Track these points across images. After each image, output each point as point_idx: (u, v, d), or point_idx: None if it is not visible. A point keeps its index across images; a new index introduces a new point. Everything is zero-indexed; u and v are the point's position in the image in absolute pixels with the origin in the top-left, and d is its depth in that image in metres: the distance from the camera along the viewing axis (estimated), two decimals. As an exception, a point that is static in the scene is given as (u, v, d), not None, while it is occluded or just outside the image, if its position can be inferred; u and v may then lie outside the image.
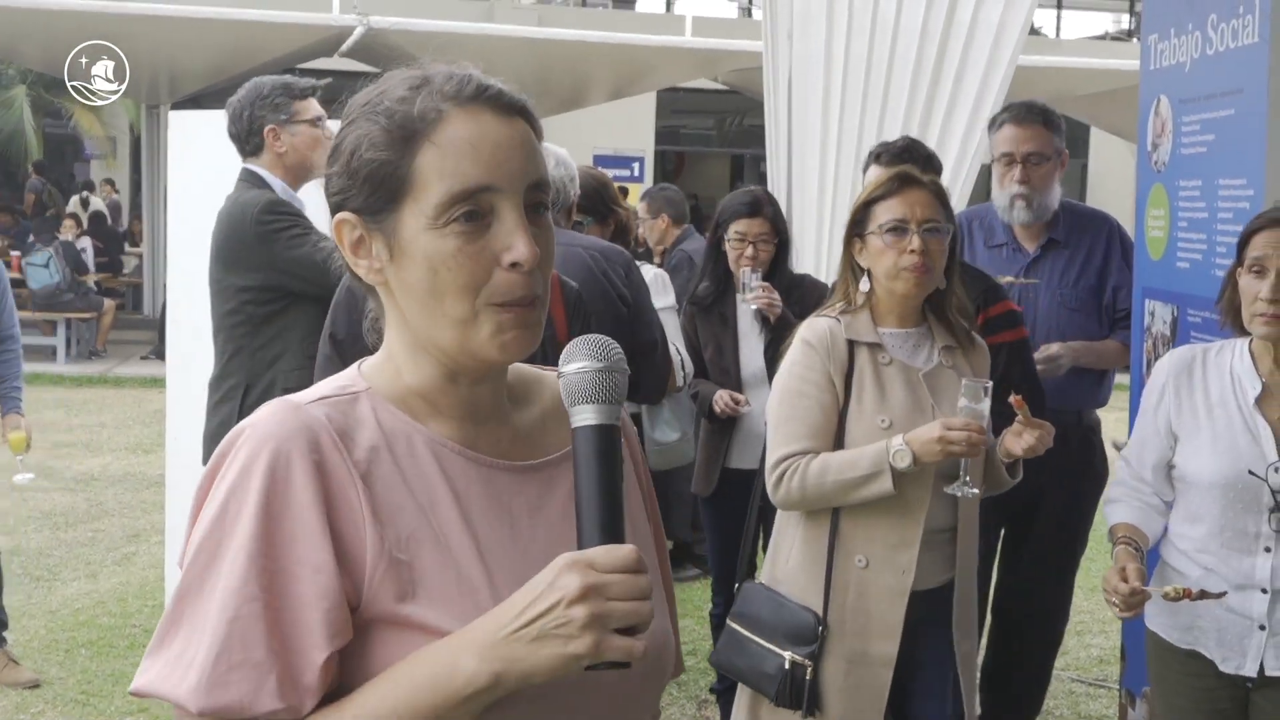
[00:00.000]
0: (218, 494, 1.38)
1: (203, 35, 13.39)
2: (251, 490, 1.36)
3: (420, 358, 1.48)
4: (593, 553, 1.31)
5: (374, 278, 1.46)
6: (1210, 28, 3.97)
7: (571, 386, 1.40)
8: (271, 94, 4.12)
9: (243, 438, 1.40)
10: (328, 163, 1.49)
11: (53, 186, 21.84)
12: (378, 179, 1.41)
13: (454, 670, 1.31)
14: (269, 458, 1.36)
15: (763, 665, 3.23)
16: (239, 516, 1.35)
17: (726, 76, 16.14)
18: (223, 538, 1.35)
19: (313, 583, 1.34)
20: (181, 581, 1.38)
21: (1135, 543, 3.10)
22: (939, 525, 3.24)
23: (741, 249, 4.65)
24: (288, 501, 1.36)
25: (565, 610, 1.28)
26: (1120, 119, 14.57)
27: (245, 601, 1.32)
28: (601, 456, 1.37)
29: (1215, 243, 3.95)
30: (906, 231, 3.18)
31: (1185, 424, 3.13)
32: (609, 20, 24.10)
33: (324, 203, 1.51)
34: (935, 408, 3.21)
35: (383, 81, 1.47)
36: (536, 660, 1.29)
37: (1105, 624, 6.45)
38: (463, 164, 1.39)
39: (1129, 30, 29.22)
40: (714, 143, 29.78)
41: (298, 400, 1.44)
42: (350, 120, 1.45)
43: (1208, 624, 3.08)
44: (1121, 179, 23.41)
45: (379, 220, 1.42)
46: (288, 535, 1.35)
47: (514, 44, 13.93)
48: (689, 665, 5.82)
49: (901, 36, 5.64)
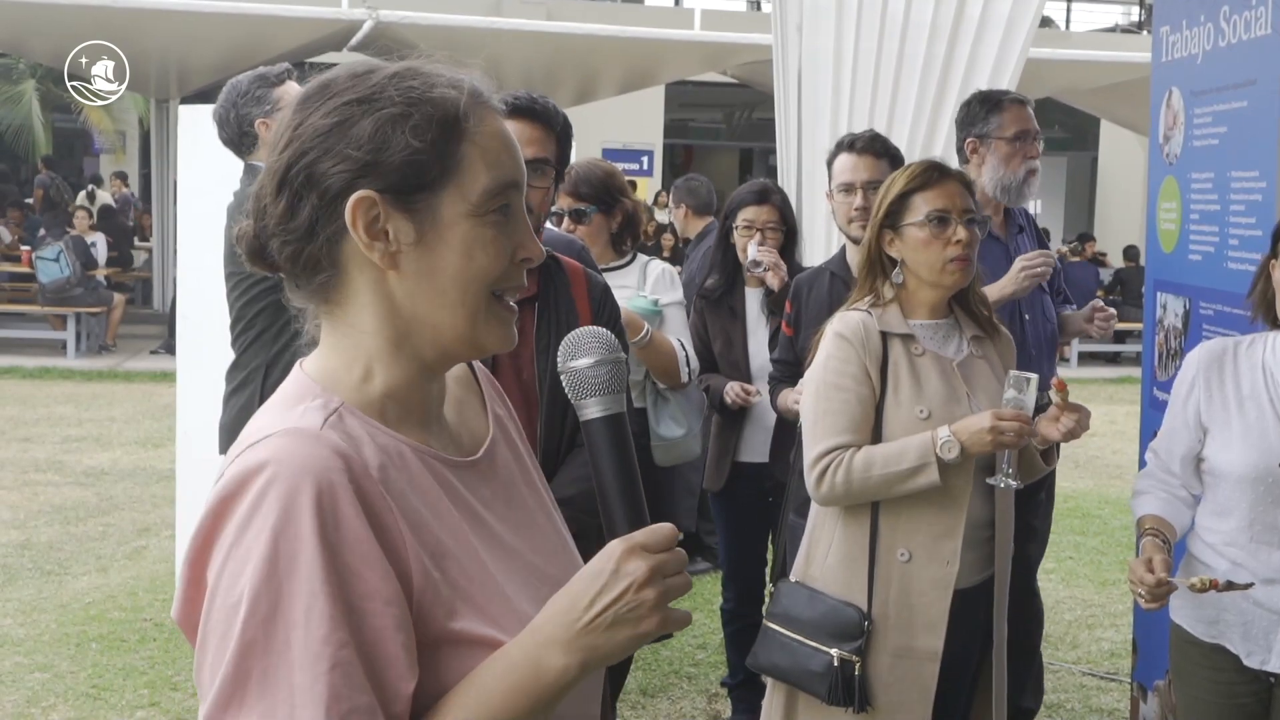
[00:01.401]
0: (256, 540, 1.30)
1: (212, 29, 13.39)
2: (304, 530, 1.30)
3: (401, 353, 1.46)
4: (643, 536, 1.38)
5: (383, 261, 1.43)
6: (1222, 19, 3.96)
7: (577, 382, 1.45)
8: (250, 89, 4.12)
9: (265, 476, 1.32)
10: (325, 136, 1.42)
11: (62, 181, 21.86)
12: (418, 163, 1.41)
13: (541, 669, 1.35)
14: (313, 492, 1.31)
15: (809, 664, 3.19)
16: (296, 560, 1.29)
17: (735, 70, 16.13)
18: (283, 585, 1.29)
19: (387, 615, 1.33)
20: (239, 637, 1.29)
21: (1162, 534, 3.08)
22: (978, 520, 3.22)
23: (750, 236, 4.66)
24: (343, 536, 1.31)
25: (636, 594, 1.35)
26: (1130, 111, 14.55)
27: (339, 648, 1.29)
28: (617, 445, 1.44)
29: (1228, 235, 3.94)
30: (949, 222, 3.17)
31: (1215, 417, 3.11)
32: (617, 14, 24.06)
33: None
34: (970, 397, 3.19)
35: (406, 71, 1.45)
36: (614, 645, 1.36)
37: (1116, 617, 6.44)
38: (503, 158, 1.46)
39: (1139, 22, 29.14)
40: (722, 136, 29.78)
41: (304, 427, 1.37)
42: (365, 100, 1.42)
43: (1233, 618, 3.07)
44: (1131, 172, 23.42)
45: (411, 201, 1.41)
46: (353, 571, 1.31)
47: (523, 38, 13.92)
48: (700, 659, 5.83)
49: (911, 30, 5.62)
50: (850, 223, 4.18)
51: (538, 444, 3.16)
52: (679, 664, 5.76)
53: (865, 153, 4.19)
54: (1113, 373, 15.91)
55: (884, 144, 4.27)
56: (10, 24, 13.78)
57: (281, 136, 1.45)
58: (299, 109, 1.46)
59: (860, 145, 4.22)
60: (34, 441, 10.04)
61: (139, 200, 21.95)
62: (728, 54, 15.35)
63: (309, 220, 1.42)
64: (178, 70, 16.10)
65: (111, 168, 24.18)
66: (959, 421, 3.10)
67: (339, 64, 1.51)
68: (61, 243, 14.85)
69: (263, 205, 1.46)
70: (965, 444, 3.06)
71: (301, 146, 1.42)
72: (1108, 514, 8.52)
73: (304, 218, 1.42)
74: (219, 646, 1.30)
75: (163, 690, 5.24)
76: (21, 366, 13.52)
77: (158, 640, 5.79)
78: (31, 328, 15.89)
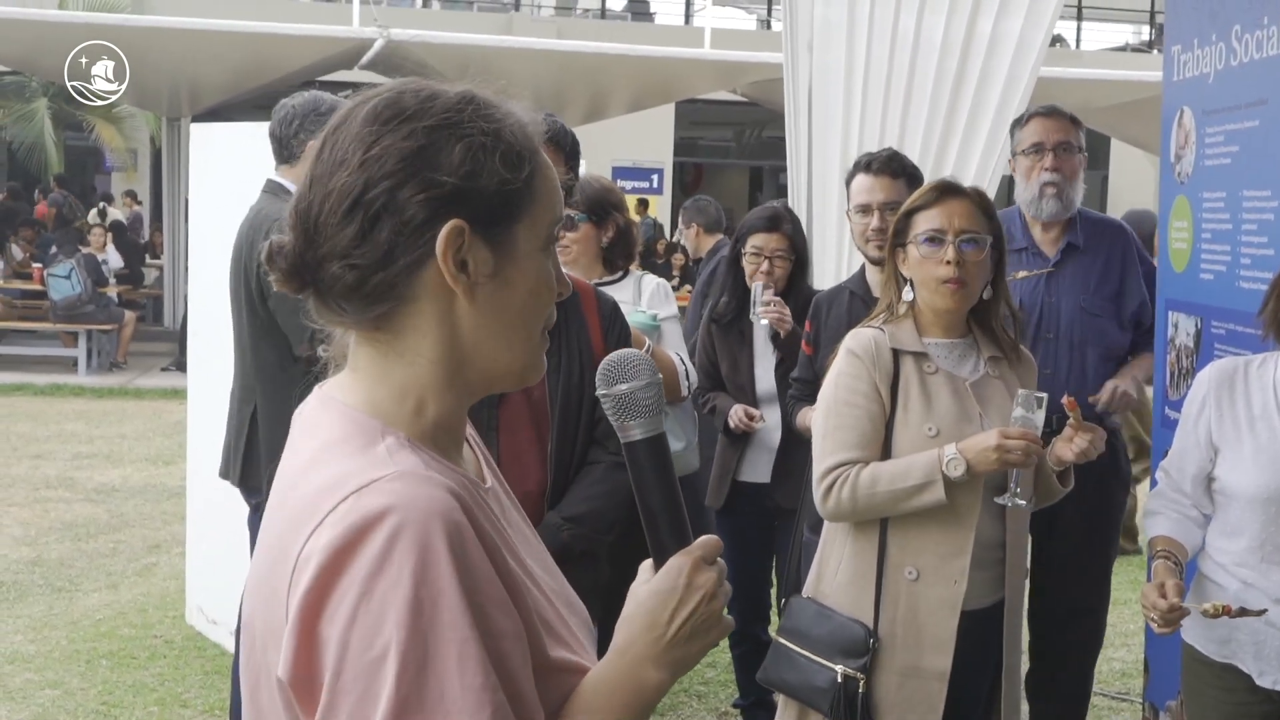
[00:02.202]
0: (395, 589, 1.25)
1: (223, 48, 13.45)
2: (444, 575, 1.26)
3: (454, 384, 1.43)
4: (700, 550, 1.47)
5: (462, 291, 1.38)
6: (1234, 38, 3.95)
7: (619, 406, 1.50)
8: (327, 113, 4.13)
9: (391, 523, 1.26)
10: (409, 160, 1.36)
11: (74, 199, 21.95)
12: (509, 194, 1.39)
13: (642, 686, 1.44)
14: (445, 536, 1.27)
15: (814, 680, 3.18)
16: (439, 607, 1.25)
17: (745, 88, 16.14)
18: (429, 635, 1.25)
19: (518, 653, 1.34)
20: (393, 695, 1.24)
21: (1174, 556, 3.07)
22: (988, 540, 3.20)
23: (758, 264, 4.65)
24: (475, 577, 1.29)
25: (709, 605, 1.45)
26: (1141, 130, 14.53)
27: (495, 692, 1.27)
28: (660, 465, 1.50)
29: (1240, 254, 3.93)
30: (942, 242, 3.15)
31: (1226, 436, 3.10)
32: (628, 33, 24.12)
33: None
34: (983, 417, 3.18)
35: (479, 99, 1.41)
36: (693, 654, 1.46)
37: (1127, 637, 6.41)
38: (554, 193, 1.46)
39: (1149, 42, 29.15)
40: (732, 154, 29.82)
41: (412, 470, 1.32)
42: (450, 125, 1.37)
43: (1245, 637, 3.05)
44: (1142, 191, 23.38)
45: (494, 233, 1.39)
46: (488, 613, 1.30)
47: (533, 56, 13.96)
48: (708, 677, 5.81)
49: (922, 49, 5.62)
50: (867, 243, 4.17)
51: (549, 463, 3.16)
52: (688, 682, 5.75)
53: (882, 173, 4.18)
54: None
55: (901, 163, 4.23)
56: (22, 42, 13.85)
57: (344, 156, 1.37)
58: (369, 127, 1.38)
59: (877, 166, 4.20)
60: (45, 458, 10.05)
61: (146, 218, 22.03)
62: (738, 72, 15.37)
63: (387, 245, 1.36)
64: (189, 88, 16.16)
65: (123, 186, 24.26)
66: (966, 440, 3.09)
67: (384, 83, 1.46)
68: (73, 260, 14.89)
69: (316, 225, 1.38)
70: (971, 462, 3.05)
71: (382, 169, 1.35)
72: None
73: (382, 243, 1.36)
74: (359, 705, 1.25)
75: (172, 707, 5.24)
76: (33, 384, 13.54)
77: (168, 657, 5.79)
78: (43, 345, 15.92)
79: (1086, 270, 4.50)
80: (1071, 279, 4.50)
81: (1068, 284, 4.49)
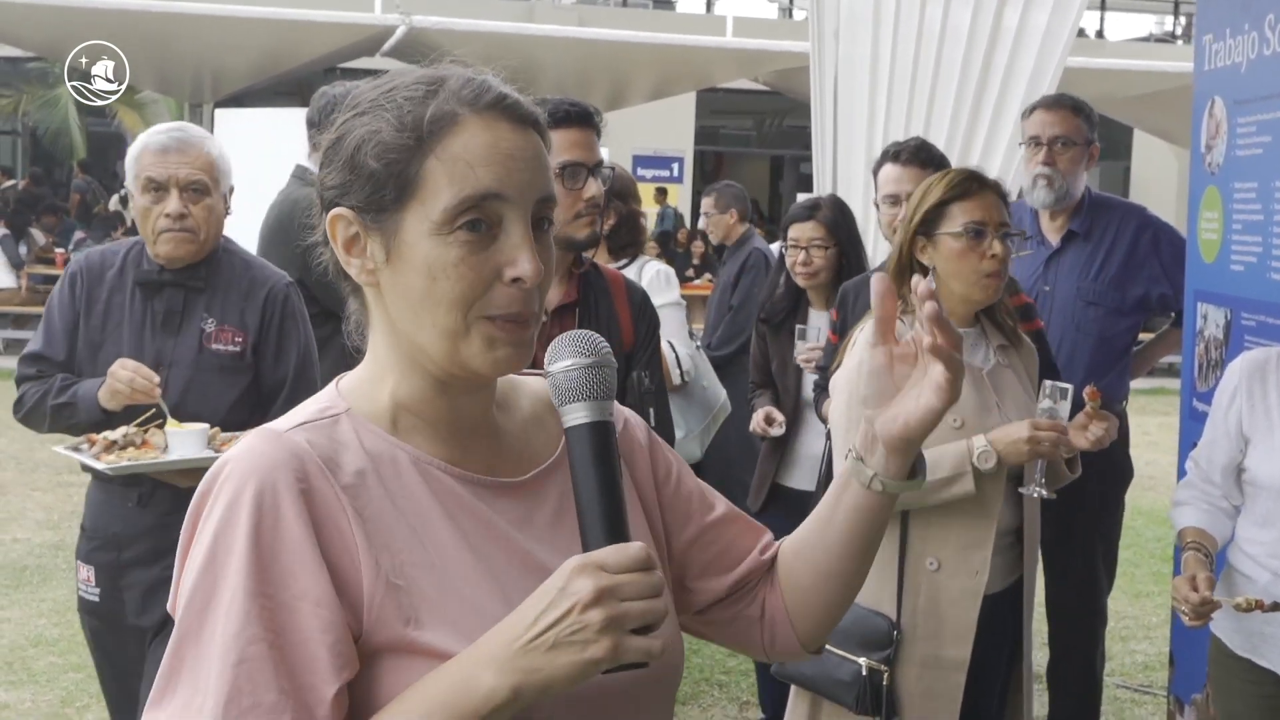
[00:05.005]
0: (205, 534, 1.33)
1: (245, 35, 13.45)
2: (240, 527, 1.31)
3: (411, 366, 1.44)
4: (603, 554, 1.28)
5: (365, 278, 1.43)
6: (1268, 28, 3.92)
7: (560, 385, 1.37)
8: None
9: (225, 473, 1.35)
10: (324, 155, 1.45)
11: (98, 185, 22.00)
12: (383, 177, 1.38)
13: (471, 687, 1.27)
14: (254, 492, 1.32)
15: (836, 673, 3.18)
16: (229, 555, 1.31)
17: (767, 77, 16.09)
18: (216, 580, 1.31)
19: (315, 616, 1.30)
20: (178, 629, 1.33)
21: (1204, 548, 3.06)
22: (1005, 527, 3.20)
23: (796, 255, 4.64)
24: (279, 535, 1.31)
25: (580, 616, 1.25)
26: (1164, 121, 14.46)
27: (249, 643, 1.28)
28: (598, 455, 1.34)
29: (1272, 245, 3.90)
30: (985, 235, 3.12)
31: (1257, 427, 3.09)
32: (649, 20, 24.11)
33: None
34: (1000, 406, 3.17)
35: (392, 78, 1.44)
36: (554, 669, 1.26)
37: (1150, 630, 6.40)
38: (475, 170, 1.36)
39: (1174, 32, 29.01)
40: (753, 143, 29.78)
41: (278, 428, 1.40)
42: (356, 114, 1.42)
43: (1274, 631, 3.03)
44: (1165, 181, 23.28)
45: (379, 220, 1.39)
46: (283, 570, 1.31)
47: (554, 44, 13.93)
48: (731, 667, 5.81)
49: (948, 40, 5.60)
50: (894, 233, 4.16)
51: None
52: (710, 671, 5.75)
53: (910, 164, 4.16)
54: (1146, 384, 15.77)
55: (929, 153, 4.22)
56: (43, 28, 13.88)
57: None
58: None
59: (905, 156, 4.18)
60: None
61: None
62: (760, 60, 15.32)
63: (325, 235, 1.45)
64: (212, 74, 16.17)
65: (145, 171, 24.27)
66: (995, 431, 3.08)
67: (390, 70, 1.49)
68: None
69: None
70: (1002, 454, 3.04)
71: (320, 161, 1.47)
72: (1141, 525, 8.45)
73: (321, 232, 1.46)
74: (174, 635, 1.34)
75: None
76: (55, 368, 13.58)
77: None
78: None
79: (1088, 258, 4.52)
80: (1070, 266, 4.53)
81: (1066, 270, 4.53)
